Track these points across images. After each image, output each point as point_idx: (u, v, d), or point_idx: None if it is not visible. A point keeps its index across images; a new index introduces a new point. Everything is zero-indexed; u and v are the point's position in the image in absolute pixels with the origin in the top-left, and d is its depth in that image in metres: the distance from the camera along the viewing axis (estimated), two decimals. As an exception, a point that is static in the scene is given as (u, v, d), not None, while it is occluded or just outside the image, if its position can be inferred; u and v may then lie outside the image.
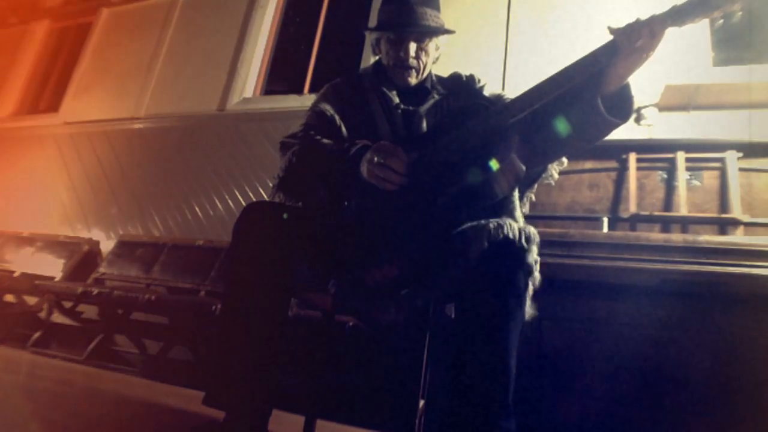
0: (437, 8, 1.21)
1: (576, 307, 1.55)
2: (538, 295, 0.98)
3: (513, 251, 0.92)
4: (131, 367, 2.47)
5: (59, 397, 1.54)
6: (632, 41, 0.90)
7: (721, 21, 0.89)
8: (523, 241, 0.93)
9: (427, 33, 1.19)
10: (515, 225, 0.94)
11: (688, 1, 0.87)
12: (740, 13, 0.86)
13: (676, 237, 1.47)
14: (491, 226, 0.93)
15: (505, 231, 0.92)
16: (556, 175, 1.16)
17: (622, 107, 0.98)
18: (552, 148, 1.06)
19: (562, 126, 0.99)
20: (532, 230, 0.96)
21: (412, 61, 1.21)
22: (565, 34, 2.39)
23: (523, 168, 0.98)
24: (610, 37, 0.94)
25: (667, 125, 2.03)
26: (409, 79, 1.24)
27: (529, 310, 0.95)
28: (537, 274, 0.96)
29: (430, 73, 1.30)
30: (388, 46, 1.23)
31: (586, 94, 0.97)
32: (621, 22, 0.93)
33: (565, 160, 1.15)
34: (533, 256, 0.94)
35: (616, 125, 0.98)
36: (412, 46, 1.20)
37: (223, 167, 3.03)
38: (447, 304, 1.18)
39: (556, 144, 1.04)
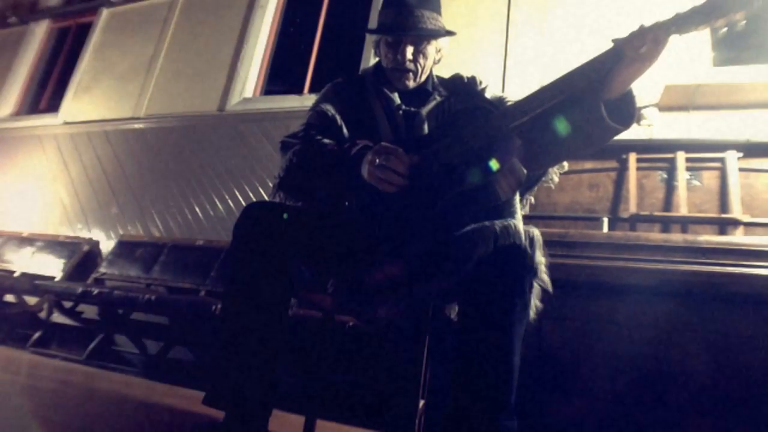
0: (437, 10, 1.21)
1: (576, 307, 1.55)
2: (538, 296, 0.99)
3: (519, 254, 0.92)
4: (131, 367, 2.47)
5: (59, 397, 1.54)
6: (636, 48, 0.90)
7: (725, 29, 0.89)
8: (528, 243, 0.93)
9: (424, 36, 1.19)
10: (520, 227, 0.95)
11: (691, 8, 0.87)
12: (744, 22, 0.85)
13: (676, 237, 1.47)
14: (497, 228, 0.93)
15: (511, 234, 0.93)
16: (556, 179, 1.16)
17: (624, 113, 0.97)
18: (553, 152, 1.06)
19: (563, 130, 0.99)
20: (536, 232, 0.96)
21: (409, 65, 1.21)
22: (565, 34, 2.39)
23: (524, 171, 0.98)
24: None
25: (667, 125, 2.03)
26: (407, 82, 1.24)
27: (533, 309, 0.96)
28: (545, 276, 0.97)
29: (431, 75, 1.30)
30: (387, 49, 1.23)
31: (589, 100, 0.96)
32: (620, 23, 0.93)
33: (566, 163, 1.16)
34: (538, 258, 0.95)
35: (618, 131, 0.97)
36: (409, 50, 1.20)
37: (223, 167, 3.03)
38: (447, 304, 1.18)
39: (558, 148, 1.03)
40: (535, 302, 0.97)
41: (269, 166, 2.87)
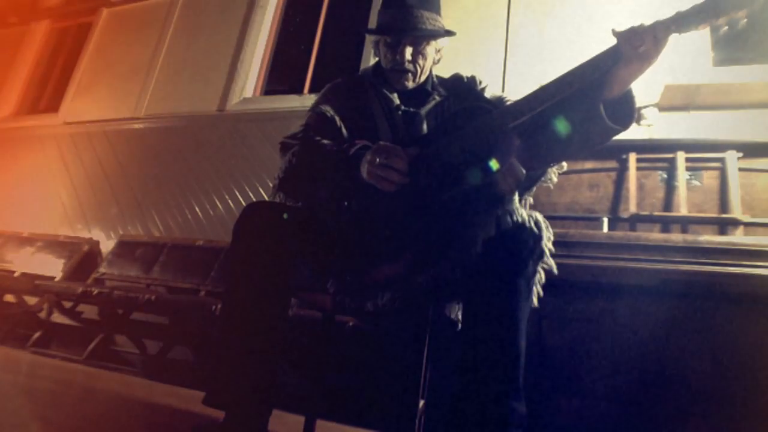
0: (437, 11, 1.21)
1: (576, 307, 1.55)
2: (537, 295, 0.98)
3: (522, 235, 0.92)
4: (131, 367, 2.47)
5: (59, 397, 1.54)
6: (636, 47, 0.90)
7: (726, 28, 0.88)
8: (532, 224, 0.93)
9: (423, 36, 1.19)
10: (523, 211, 0.95)
11: (692, 7, 0.86)
12: (745, 20, 0.85)
13: (676, 237, 1.47)
14: (499, 212, 0.93)
15: (514, 216, 0.93)
16: (555, 179, 1.16)
17: (623, 113, 0.97)
18: (552, 152, 1.06)
19: (562, 130, 0.99)
20: (540, 216, 0.96)
21: (408, 65, 1.21)
22: (565, 35, 2.39)
23: (523, 171, 0.98)
24: (612, 41, 0.93)
25: (667, 125, 2.03)
26: (406, 82, 1.24)
27: (535, 295, 0.96)
28: (550, 260, 0.96)
29: (430, 75, 1.30)
30: (386, 49, 1.23)
31: (588, 100, 0.96)
32: (621, 25, 0.93)
33: (564, 163, 1.15)
34: (544, 241, 0.95)
35: (618, 132, 0.97)
36: (408, 50, 1.20)
37: (223, 167, 3.03)
38: (448, 303, 1.18)
39: (557, 148, 1.03)
40: (537, 289, 0.96)
41: (269, 166, 2.87)
